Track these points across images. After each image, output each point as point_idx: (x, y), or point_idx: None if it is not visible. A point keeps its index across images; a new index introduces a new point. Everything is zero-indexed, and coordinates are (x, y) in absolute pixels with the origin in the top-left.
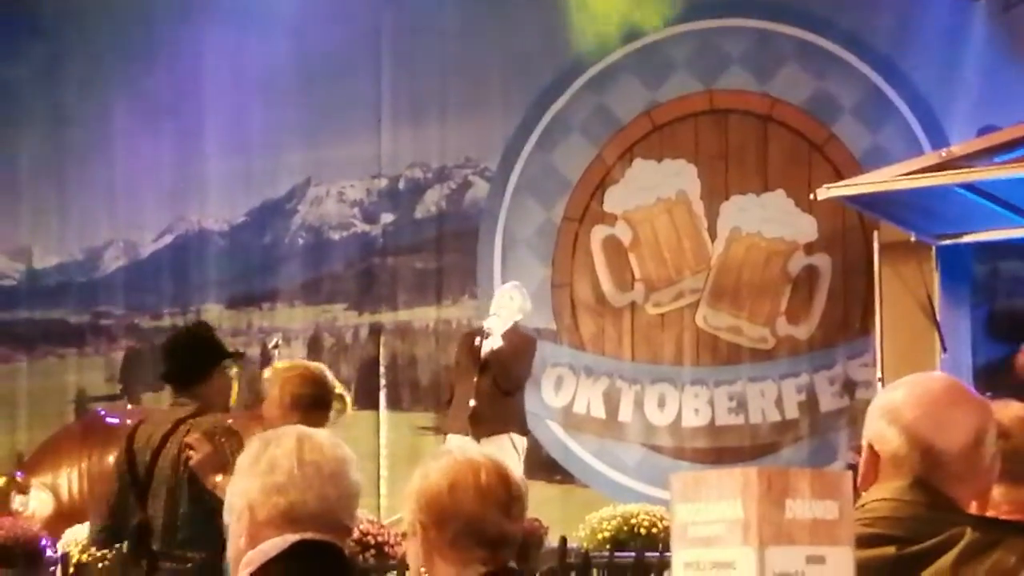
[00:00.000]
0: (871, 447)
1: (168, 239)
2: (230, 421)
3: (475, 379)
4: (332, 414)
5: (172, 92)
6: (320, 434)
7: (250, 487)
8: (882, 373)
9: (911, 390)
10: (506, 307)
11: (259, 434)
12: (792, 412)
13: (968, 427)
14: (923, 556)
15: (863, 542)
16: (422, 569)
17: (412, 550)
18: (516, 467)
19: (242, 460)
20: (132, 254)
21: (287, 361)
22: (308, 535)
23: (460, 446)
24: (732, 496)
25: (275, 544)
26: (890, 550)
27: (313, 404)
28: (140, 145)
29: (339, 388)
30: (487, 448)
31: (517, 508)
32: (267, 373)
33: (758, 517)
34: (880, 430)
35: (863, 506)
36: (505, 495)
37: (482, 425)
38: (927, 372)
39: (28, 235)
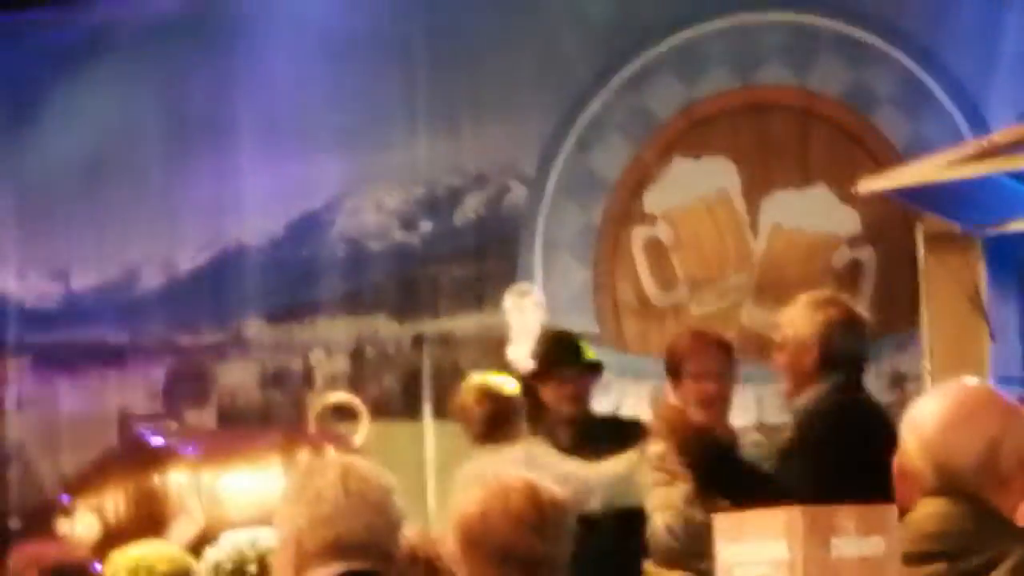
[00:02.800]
0: (901, 461)
1: (206, 255)
2: None
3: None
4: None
5: (207, 108)
6: (363, 464)
7: (296, 518)
8: (931, 365)
9: (932, 403)
10: (526, 319)
11: (302, 464)
12: None
13: (979, 440)
14: (974, 572)
15: (912, 560)
16: None
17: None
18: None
19: (286, 490)
20: (170, 271)
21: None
22: (354, 566)
23: (497, 471)
24: (776, 536)
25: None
26: (941, 566)
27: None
28: (176, 161)
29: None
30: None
31: (552, 529)
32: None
33: (803, 558)
34: (905, 444)
35: (910, 523)
36: (536, 517)
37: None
38: (958, 380)
39: (65, 257)
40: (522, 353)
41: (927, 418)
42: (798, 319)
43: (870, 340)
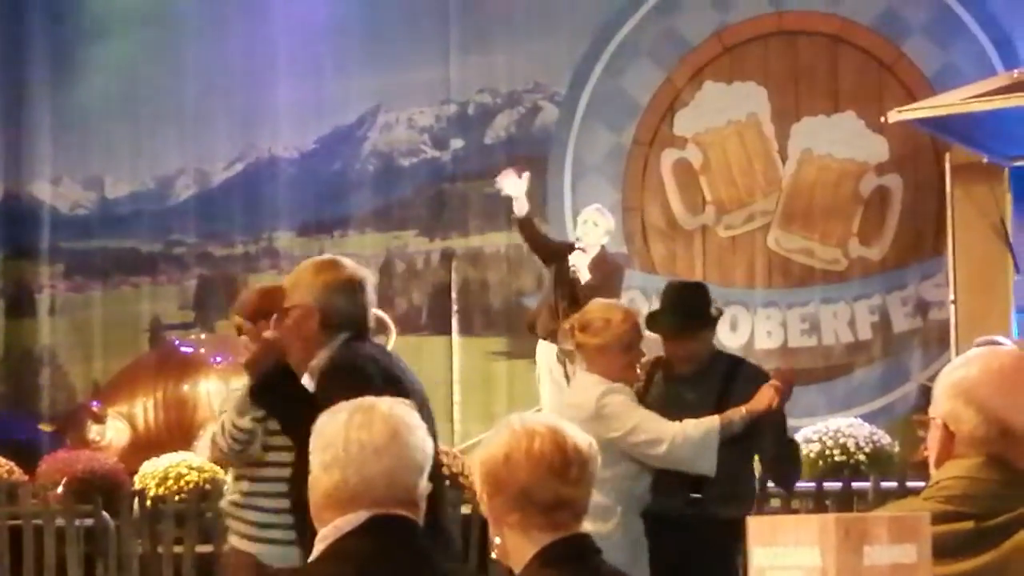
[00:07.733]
0: (945, 426)
1: (239, 167)
2: None
3: (562, 302)
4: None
5: (241, 21)
6: (384, 405)
7: (317, 463)
8: (955, 294)
9: (984, 367)
10: (590, 233)
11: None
12: (865, 333)
13: None
14: (1002, 529)
15: (939, 519)
16: (495, 538)
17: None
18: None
19: (311, 436)
20: (203, 182)
21: None
22: (377, 511)
23: (522, 416)
24: (809, 543)
25: (348, 520)
26: (968, 524)
27: None
28: (210, 73)
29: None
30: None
31: (575, 472)
32: None
33: (836, 565)
34: (955, 409)
35: (937, 483)
36: (559, 460)
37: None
38: (997, 346)
39: (100, 165)
40: (582, 264)
41: (983, 382)
42: (300, 286)
43: (367, 301)
